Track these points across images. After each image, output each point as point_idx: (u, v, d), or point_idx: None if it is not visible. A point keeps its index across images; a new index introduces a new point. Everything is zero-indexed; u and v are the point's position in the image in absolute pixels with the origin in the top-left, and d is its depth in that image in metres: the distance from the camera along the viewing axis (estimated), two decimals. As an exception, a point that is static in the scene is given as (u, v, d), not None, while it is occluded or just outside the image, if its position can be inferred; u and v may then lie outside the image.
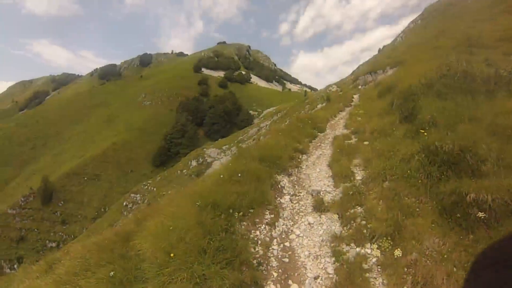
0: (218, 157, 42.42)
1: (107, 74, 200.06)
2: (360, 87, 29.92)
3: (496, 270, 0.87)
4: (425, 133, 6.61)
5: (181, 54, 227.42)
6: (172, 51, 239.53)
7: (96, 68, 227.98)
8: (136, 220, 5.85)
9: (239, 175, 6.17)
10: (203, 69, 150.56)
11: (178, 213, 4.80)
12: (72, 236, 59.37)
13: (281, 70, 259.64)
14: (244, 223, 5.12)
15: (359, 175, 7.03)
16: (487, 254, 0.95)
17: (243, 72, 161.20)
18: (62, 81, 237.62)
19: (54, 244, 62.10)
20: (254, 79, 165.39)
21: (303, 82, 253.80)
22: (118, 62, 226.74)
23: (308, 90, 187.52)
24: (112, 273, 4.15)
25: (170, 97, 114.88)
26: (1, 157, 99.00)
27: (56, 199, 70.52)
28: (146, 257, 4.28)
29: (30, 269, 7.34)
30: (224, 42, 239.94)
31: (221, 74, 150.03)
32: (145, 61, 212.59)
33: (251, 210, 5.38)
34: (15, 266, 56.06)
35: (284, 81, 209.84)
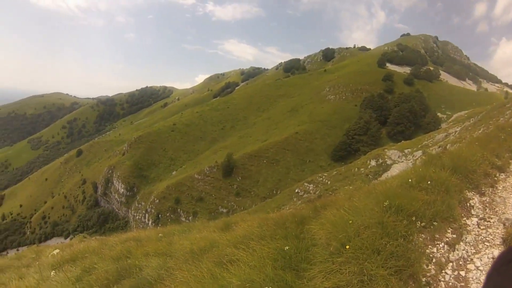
0: (398, 160, 39.44)
1: (291, 68, 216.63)
2: None
3: None
4: None
5: (363, 48, 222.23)
6: (355, 45, 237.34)
7: (281, 62, 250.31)
8: (314, 207, 6.23)
9: (429, 182, 5.70)
10: (387, 64, 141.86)
11: (359, 209, 4.88)
12: (242, 208, 68.09)
13: (475, 65, 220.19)
14: (422, 235, 4.72)
15: None
16: (510, 251, 0.97)
17: (431, 68, 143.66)
18: (250, 73, 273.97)
19: (225, 210, 73.82)
20: (443, 76, 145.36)
21: (503, 81, 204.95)
22: (300, 56, 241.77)
23: (509, 90, 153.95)
24: (287, 248, 4.58)
25: (354, 92, 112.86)
26: (197, 133, 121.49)
27: (235, 174, 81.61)
28: (319, 242, 4.51)
29: (207, 223, 8.66)
30: (408, 34, 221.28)
31: (406, 69, 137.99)
32: (327, 55, 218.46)
33: (434, 223, 4.90)
34: (190, 218, 70.88)
35: (479, 79, 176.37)
